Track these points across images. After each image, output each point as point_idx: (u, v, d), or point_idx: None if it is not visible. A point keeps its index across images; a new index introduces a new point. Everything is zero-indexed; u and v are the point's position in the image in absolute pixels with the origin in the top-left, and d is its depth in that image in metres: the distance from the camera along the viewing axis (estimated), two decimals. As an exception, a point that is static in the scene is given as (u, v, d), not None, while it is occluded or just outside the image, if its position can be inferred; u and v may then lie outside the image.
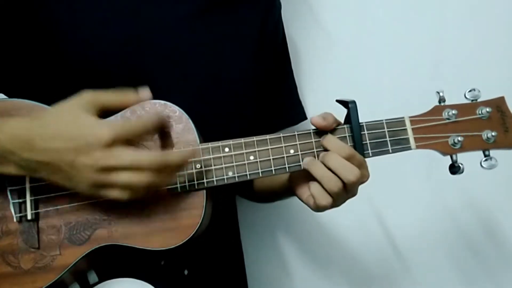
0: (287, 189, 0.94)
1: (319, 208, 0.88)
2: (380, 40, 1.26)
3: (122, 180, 0.76)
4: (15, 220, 0.84)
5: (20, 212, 0.84)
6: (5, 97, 0.92)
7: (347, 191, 0.86)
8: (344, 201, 0.89)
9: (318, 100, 1.22)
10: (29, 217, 0.84)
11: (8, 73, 0.93)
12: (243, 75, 1.00)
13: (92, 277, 0.89)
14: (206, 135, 0.88)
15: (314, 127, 0.88)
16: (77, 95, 0.80)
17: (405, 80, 1.25)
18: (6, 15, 0.91)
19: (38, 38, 0.90)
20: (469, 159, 0.88)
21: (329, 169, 0.84)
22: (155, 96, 0.88)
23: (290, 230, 1.33)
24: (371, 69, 1.26)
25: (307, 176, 0.87)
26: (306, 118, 1.12)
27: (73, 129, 0.77)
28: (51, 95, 0.89)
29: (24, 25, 0.91)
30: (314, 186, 0.86)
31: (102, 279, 0.89)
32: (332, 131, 0.87)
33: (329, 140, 0.86)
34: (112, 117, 0.87)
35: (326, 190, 0.85)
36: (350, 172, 0.83)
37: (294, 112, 1.12)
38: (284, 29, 1.12)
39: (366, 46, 1.26)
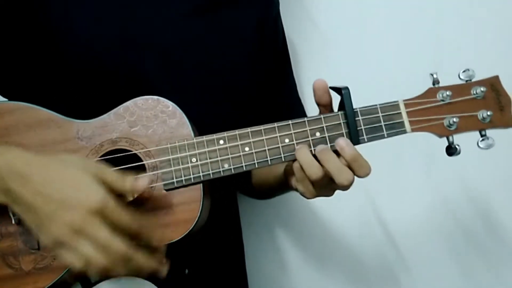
0: (283, 183, 0.94)
1: (304, 195, 0.88)
2: (379, 38, 1.26)
3: (84, 251, 0.76)
4: (13, 222, 0.84)
5: (18, 214, 0.84)
6: (1, 98, 0.93)
7: (333, 185, 0.86)
8: (332, 192, 0.88)
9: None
10: (27, 219, 0.84)
11: (5, 73, 0.94)
12: (242, 73, 0.99)
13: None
14: (205, 134, 0.88)
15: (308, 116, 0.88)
16: (90, 161, 0.82)
17: (405, 78, 1.24)
18: (4, 15, 0.91)
19: (35, 38, 0.91)
20: (468, 153, 0.87)
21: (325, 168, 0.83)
22: (154, 94, 0.88)
23: (291, 228, 1.33)
24: (370, 68, 1.26)
25: None
26: (306, 116, 1.11)
27: (70, 184, 0.77)
28: (49, 94, 0.90)
29: (21, 25, 0.91)
30: (296, 169, 0.85)
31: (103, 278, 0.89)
32: (327, 118, 0.87)
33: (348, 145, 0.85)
34: (105, 115, 0.87)
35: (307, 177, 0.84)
36: (344, 177, 0.83)
37: (294, 110, 1.12)
38: (283, 28, 1.11)
39: (365, 44, 1.26)
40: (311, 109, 1.13)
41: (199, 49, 0.96)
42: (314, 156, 0.85)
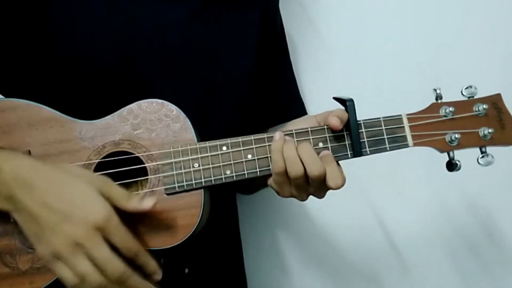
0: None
1: (281, 193, 0.88)
2: (378, 36, 1.26)
3: (81, 267, 0.75)
4: (11, 220, 0.83)
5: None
6: (1, 96, 0.92)
7: (309, 184, 0.86)
8: (307, 195, 0.88)
9: (317, 97, 1.22)
10: (26, 218, 0.84)
11: (5, 72, 0.93)
12: (242, 73, 0.99)
13: (91, 276, 0.88)
14: (204, 133, 0.88)
15: (311, 126, 0.88)
16: (98, 175, 0.81)
17: (403, 78, 1.25)
18: (3, 14, 0.90)
19: (35, 38, 0.90)
20: (467, 157, 0.88)
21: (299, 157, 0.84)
22: (153, 96, 0.88)
23: (289, 229, 1.33)
24: (369, 66, 1.26)
25: None
26: (306, 113, 1.12)
27: (76, 197, 0.77)
28: (49, 94, 0.89)
29: (21, 25, 0.90)
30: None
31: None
32: (330, 128, 0.87)
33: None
34: (109, 116, 0.87)
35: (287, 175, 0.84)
36: (315, 167, 0.83)
37: (294, 106, 1.11)
38: (283, 25, 1.11)
39: (364, 43, 1.26)
40: (311, 108, 1.14)
41: (199, 50, 0.95)
42: None
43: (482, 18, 1.26)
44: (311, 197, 0.88)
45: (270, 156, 0.86)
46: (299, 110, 1.11)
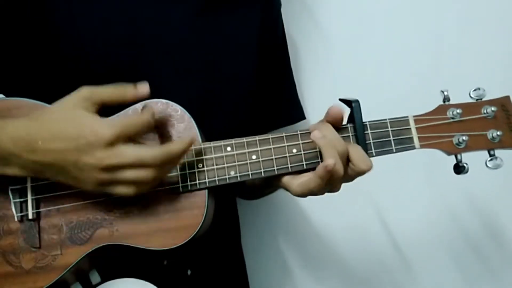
0: (267, 182, 0.93)
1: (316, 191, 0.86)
2: (380, 39, 1.26)
3: (128, 177, 0.77)
4: (16, 219, 0.84)
5: (21, 211, 0.84)
6: (4, 96, 0.92)
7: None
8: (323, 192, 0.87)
9: (318, 100, 1.21)
10: (30, 217, 0.84)
11: (8, 72, 0.93)
12: (243, 74, 0.99)
13: (94, 277, 0.88)
14: (204, 133, 0.88)
15: None
16: (75, 92, 0.80)
17: (406, 79, 1.25)
18: (6, 14, 0.90)
19: (38, 38, 0.90)
20: (471, 158, 0.87)
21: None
22: (156, 96, 0.87)
23: (290, 230, 1.33)
24: (371, 69, 1.25)
25: None
26: (304, 118, 1.12)
27: (73, 128, 0.77)
28: (51, 94, 0.89)
29: (23, 24, 0.90)
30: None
31: (104, 279, 0.88)
32: (336, 130, 0.86)
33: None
34: (114, 116, 0.86)
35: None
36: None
37: (293, 111, 1.12)
38: (284, 29, 1.11)
39: (366, 46, 1.26)
40: (311, 109, 1.15)
41: (201, 50, 0.96)
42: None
43: (487, 18, 1.25)
44: (311, 197, 0.88)
45: (275, 158, 0.86)
46: (298, 114, 1.12)
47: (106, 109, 0.87)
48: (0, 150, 0.78)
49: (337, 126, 0.86)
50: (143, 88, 0.82)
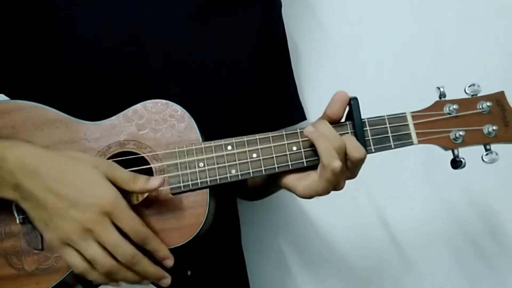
0: (269, 182, 0.94)
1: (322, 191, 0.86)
2: (380, 39, 1.27)
3: (91, 252, 0.76)
4: (18, 221, 0.83)
5: (23, 213, 0.83)
6: (6, 98, 0.92)
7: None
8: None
9: (319, 100, 1.21)
10: (32, 219, 0.84)
11: (9, 74, 0.93)
12: (243, 74, 1.00)
13: (96, 278, 0.88)
14: (205, 134, 0.88)
15: None
16: (102, 158, 0.82)
17: (405, 78, 1.26)
18: (7, 15, 0.90)
19: (38, 38, 0.90)
20: (469, 154, 0.88)
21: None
22: (156, 96, 0.88)
23: (290, 229, 1.33)
24: (371, 69, 1.26)
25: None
26: (305, 119, 1.12)
27: (82, 182, 0.77)
28: (52, 95, 0.89)
29: (24, 25, 0.90)
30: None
31: (105, 280, 0.88)
32: (335, 127, 0.87)
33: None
34: (114, 117, 0.87)
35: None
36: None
37: (294, 111, 1.12)
38: (285, 29, 1.12)
39: (366, 45, 1.27)
40: (311, 109, 1.15)
41: (201, 50, 0.96)
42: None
43: (484, 15, 1.27)
44: None
45: (276, 156, 0.86)
46: (299, 115, 1.12)
47: (106, 111, 0.87)
48: (2, 168, 0.78)
49: (338, 119, 0.87)
50: (154, 181, 0.80)
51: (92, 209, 0.75)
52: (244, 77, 1.00)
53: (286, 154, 0.87)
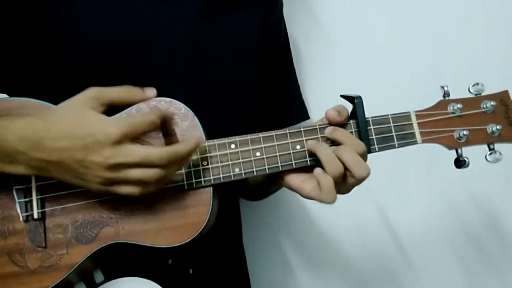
0: (271, 181, 0.94)
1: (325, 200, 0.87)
2: (382, 38, 1.27)
3: (134, 177, 0.77)
4: (21, 219, 0.84)
5: (26, 211, 0.84)
6: (7, 96, 0.92)
7: (348, 183, 0.86)
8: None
9: (321, 99, 1.22)
10: (35, 216, 0.84)
11: (11, 73, 0.93)
12: (245, 74, 1.00)
13: (98, 276, 0.88)
14: (207, 133, 0.88)
15: (319, 123, 0.88)
16: (83, 92, 0.80)
17: (407, 77, 1.26)
18: (8, 14, 0.90)
19: (40, 38, 0.90)
20: (471, 154, 0.88)
21: (343, 163, 0.84)
22: (158, 95, 0.88)
23: (291, 229, 1.33)
24: (373, 67, 1.26)
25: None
26: (308, 118, 1.12)
27: (80, 127, 0.77)
28: (54, 94, 0.89)
29: (26, 25, 0.90)
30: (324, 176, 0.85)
31: (108, 278, 0.88)
32: (339, 126, 0.87)
33: (343, 134, 0.86)
34: (117, 115, 0.86)
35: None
36: (362, 169, 0.83)
37: (296, 111, 1.12)
38: (287, 29, 1.12)
39: (368, 45, 1.27)
40: (314, 109, 1.15)
41: (203, 50, 0.96)
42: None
43: (486, 15, 1.27)
44: None
45: (279, 155, 0.86)
46: (302, 114, 1.12)
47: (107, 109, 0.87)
48: (6, 148, 0.78)
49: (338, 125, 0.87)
50: (150, 91, 0.83)
51: (103, 146, 0.75)
52: (246, 76, 0.99)
53: (290, 153, 0.87)
